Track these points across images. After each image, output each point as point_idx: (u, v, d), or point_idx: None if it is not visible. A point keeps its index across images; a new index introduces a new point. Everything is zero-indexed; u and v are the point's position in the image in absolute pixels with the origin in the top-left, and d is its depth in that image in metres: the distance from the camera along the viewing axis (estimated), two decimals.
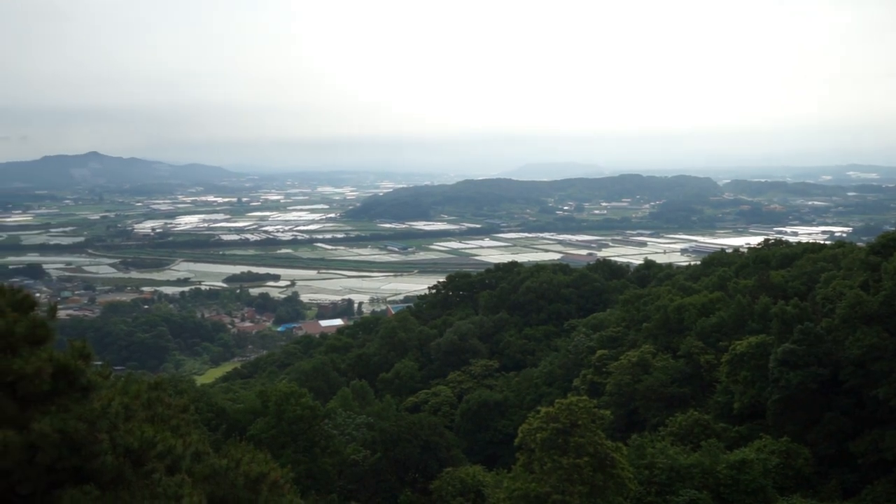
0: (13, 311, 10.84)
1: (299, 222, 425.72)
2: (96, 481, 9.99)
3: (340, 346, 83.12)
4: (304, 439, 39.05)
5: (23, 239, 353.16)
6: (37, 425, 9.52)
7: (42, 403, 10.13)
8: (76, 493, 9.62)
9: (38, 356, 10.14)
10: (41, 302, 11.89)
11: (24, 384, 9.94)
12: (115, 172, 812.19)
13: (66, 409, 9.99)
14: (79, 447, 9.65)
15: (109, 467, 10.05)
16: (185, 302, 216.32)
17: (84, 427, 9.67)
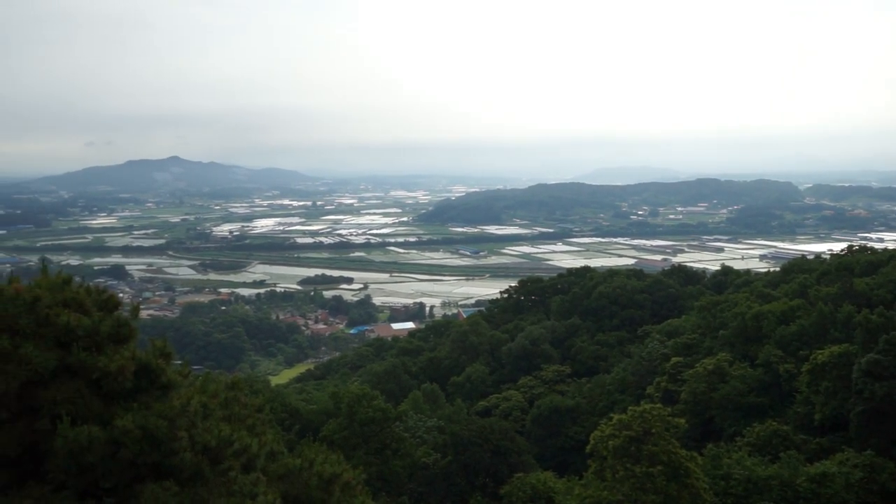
0: (99, 310, 11.22)
1: (372, 226, 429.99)
2: (175, 477, 10.25)
3: (412, 349, 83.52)
4: (375, 441, 39.32)
5: (107, 241, 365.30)
6: (120, 421, 9.83)
7: (125, 400, 10.46)
8: (156, 489, 9.89)
9: (121, 354, 10.47)
10: (124, 302, 12.27)
11: (109, 381, 10.28)
12: (195, 176, 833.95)
13: (148, 406, 10.29)
14: (159, 443, 9.92)
15: (188, 464, 10.30)
16: (261, 303, 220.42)
17: (164, 424, 9.94)
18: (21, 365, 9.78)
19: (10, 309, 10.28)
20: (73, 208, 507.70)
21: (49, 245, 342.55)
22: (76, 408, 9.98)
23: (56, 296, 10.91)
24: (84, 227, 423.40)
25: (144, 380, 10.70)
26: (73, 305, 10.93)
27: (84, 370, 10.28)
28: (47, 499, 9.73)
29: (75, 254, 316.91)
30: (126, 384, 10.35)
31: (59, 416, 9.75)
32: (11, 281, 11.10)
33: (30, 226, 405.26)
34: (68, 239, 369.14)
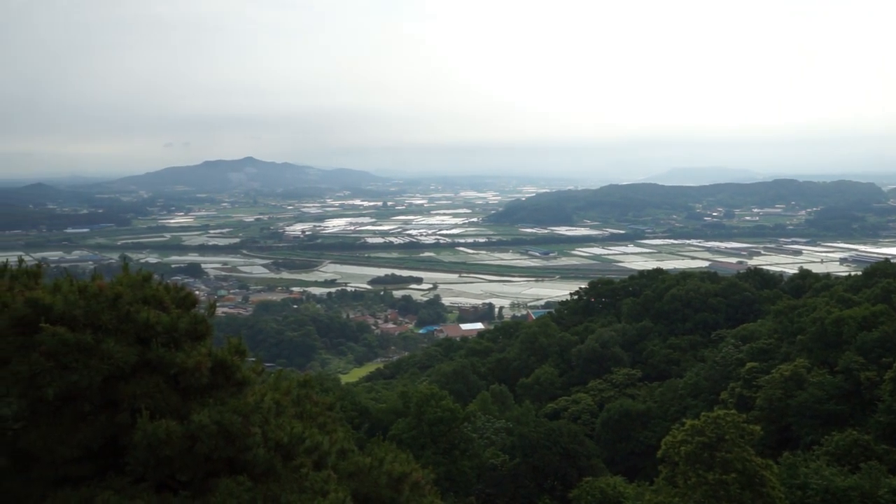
0: (177, 307, 11.50)
1: (442, 226, 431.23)
2: (249, 473, 10.43)
3: (481, 350, 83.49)
4: (443, 441, 39.41)
5: (184, 239, 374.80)
6: (196, 416, 10.04)
7: (201, 396, 10.69)
8: (230, 483, 10.07)
9: (198, 351, 10.70)
10: (200, 299, 12.54)
11: (186, 377, 10.52)
12: (269, 177, 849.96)
13: (223, 402, 10.50)
14: (234, 439, 10.11)
15: (261, 460, 10.48)
16: (332, 302, 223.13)
17: (239, 420, 10.12)
18: (103, 360, 10.08)
19: (93, 305, 10.60)
20: (151, 207, 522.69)
21: (129, 243, 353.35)
22: (155, 402, 10.25)
23: (136, 293, 11.21)
24: (162, 225, 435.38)
25: (220, 376, 10.92)
26: (153, 302, 11.22)
27: (162, 366, 10.54)
28: (127, 490, 9.99)
29: (154, 252, 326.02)
30: (202, 380, 10.57)
31: (138, 410, 10.01)
32: (94, 278, 11.45)
33: (111, 224, 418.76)
34: (147, 237, 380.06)
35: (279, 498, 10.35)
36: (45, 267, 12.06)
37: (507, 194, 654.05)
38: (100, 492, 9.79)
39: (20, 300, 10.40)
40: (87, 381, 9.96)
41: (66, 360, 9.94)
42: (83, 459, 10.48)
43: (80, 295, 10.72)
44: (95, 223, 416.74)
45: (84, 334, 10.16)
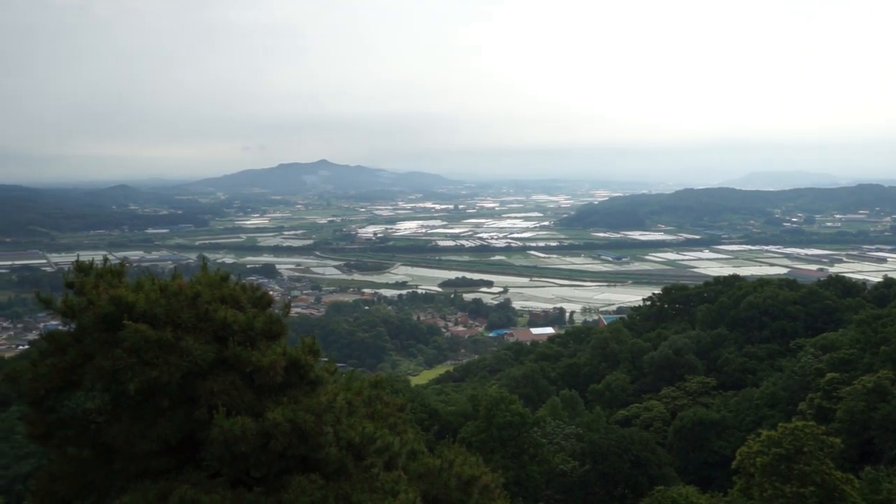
0: (253, 307, 11.75)
1: (513, 230, 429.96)
2: (321, 471, 10.58)
3: (551, 355, 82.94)
4: (513, 445, 39.28)
5: (259, 240, 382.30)
6: (270, 414, 10.23)
7: (275, 394, 10.89)
8: (303, 481, 10.23)
9: (273, 350, 10.91)
10: (275, 300, 12.77)
11: (261, 375, 10.73)
12: (342, 179, 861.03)
13: (296, 400, 10.67)
14: (306, 437, 10.27)
15: (333, 459, 10.61)
16: (403, 304, 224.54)
17: (312, 419, 10.28)
18: (182, 357, 10.36)
19: (173, 304, 10.90)
20: (228, 209, 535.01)
21: (206, 244, 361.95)
22: (231, 399, 10.47)
23: (214, 292, 11.49)
24: (238, 227, 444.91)
25: (294, 375, 11.11)
26: (230, 302, 11.48)
27: (238, 364, 10.77)
28: (203, 485, 10.24)
29: (230, 252, 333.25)
30: (277, 379, 10.77)
31: (215, 406, 10.25)
32: (174, 277, 11.78)
33: (190, 225, 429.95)
34: (224, 238, 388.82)
35: (350, 497, 10.47)
36: (127, 266, 12.45)
37: (580, 198, 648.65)
38: (177, 485, 10.05)
39: (105, 298, 10.76)
40: (166, 377, 10.25)
41: (148, 356, 10.24)
42: (162, 453, 10.78)
43: (161, 293, 11.04)
44: (175, 224, 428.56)
45: (164, 332, 10.45)
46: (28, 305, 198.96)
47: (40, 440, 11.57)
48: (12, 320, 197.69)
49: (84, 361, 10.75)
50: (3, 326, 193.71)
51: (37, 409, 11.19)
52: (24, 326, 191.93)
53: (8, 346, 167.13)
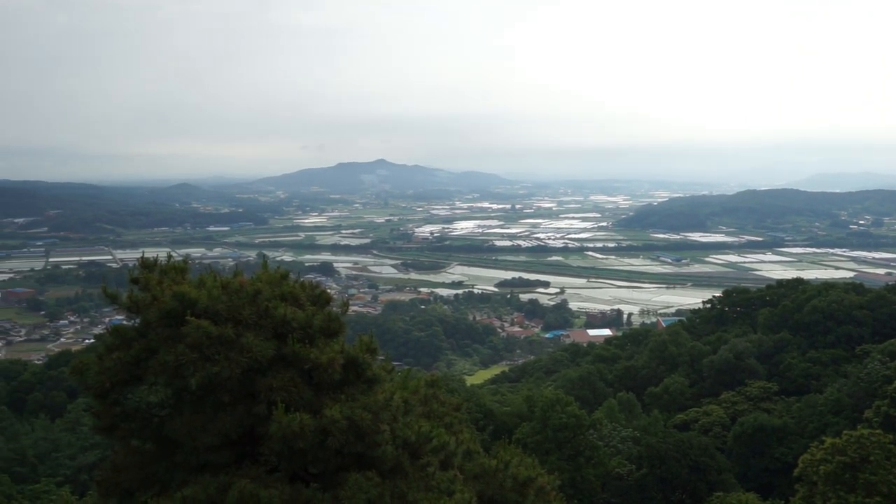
0: (312, 304, 11.86)
1: (570, 230, 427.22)
2: (377, 469, 10.64)
3: (608, 357, 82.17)
4: (568, 447, 39.02)
5: (317, 239, 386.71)
6: (328, 411, 10.32)
7: (333, 391, 10.98)
8: (359, 478, 10.30)
9: (331, 347, 11.00)
10: (333, 298, 12.89)
11: (319, 372, 10.83)
12: (400, 179, 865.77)
13: (354, 398, 10.74)
14: (363, 435, 10.33)
15: (389, 457, 10.66)
16: (459, 304, 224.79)
17: (369, 417, 10.33)
18: (243, 353, 10.50)
19: (234, 300, 11.07)
20: (288, 208, 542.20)
21: (266, 242, 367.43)
22: (289, 396, 10.59)
23: (274, 290, 11.63)
24: (297, 225, 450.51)
25: (352, 373, 11.18)
26: (290, 299, 11.60)
27: (297, 361, 10.88)
28: (262, 479, 10.37)
29: (289, 250, 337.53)
30: (335, 376, 10.85)
31: (274, 402, 10.38)
32: (236, 275, 11.96)
33: (250, 223, 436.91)
34: (283, 236, 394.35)
35: (406, 495, 10.50)
36: (189, 263, 12.68)
37: (639, 199, 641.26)
38: (237, 480, 10.20)
39: (168, 294, 10.98)
40: (227, 372, 10.41)
41: (209, 352, 10.41)
42: (222, 447, 10.96)
43: (223, 290, 11.22)
44: (235, 222, 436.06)
45: (226, 328, 10.62)
46: (94, 300, 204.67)
47: (105, 432, 11.85)
48: (79, 315, 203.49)
49: (148, 356, 10.98)
50: (71, 320, 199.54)
51: (102, 401, 11.47)
52: (91, 321, 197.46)
53: (75, 340, 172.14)
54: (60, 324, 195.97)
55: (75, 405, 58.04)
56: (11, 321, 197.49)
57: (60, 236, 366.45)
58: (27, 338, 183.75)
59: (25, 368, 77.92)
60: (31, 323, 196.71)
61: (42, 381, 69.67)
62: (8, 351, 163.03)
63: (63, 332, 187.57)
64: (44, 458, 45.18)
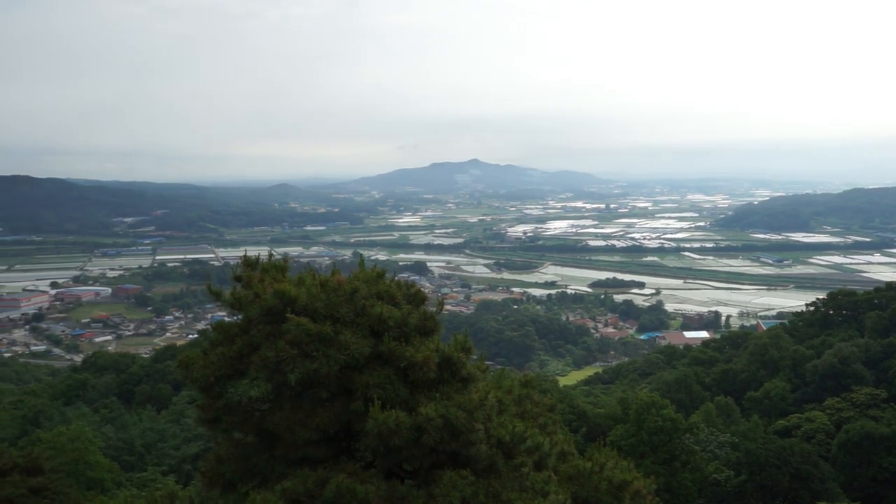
0: (407, 303, 12.00)
1: (666, 230, 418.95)
2: (471, 467, 10.69)
3: (705, 360, 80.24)
4: (663, 451, 38.32)
5: (411, 238, 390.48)
6: (423, 409, 10.42)
7: (428, 390, 11.08)
8: (454, 476, 10.37)
9: (426, 346, 11.10)
10: (428, 297, 13.01)
11: (414, 371, 10.95)
12: (493, 178, 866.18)
13: (449, 397, 10.81)
14: (458, 434, 10.39)
15: (483, 456, 10.70)
16: (551, 304, 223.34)
17: (464, 415, 10.38)
18: (340, 350, 10.72)
19: (332, 298, 11.30)
20: (382, 207, 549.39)
21: (361, 241, 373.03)
22: (385, 393, 10.74)
23: (371, 288, 11.83)
24: (391, 224, 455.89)
25: (446, 371, 11.26)
26: (386, 298, 11.78)
27: (393, 359, 11.03)
28: (358, 475, 10.56)
29: (383, 250, 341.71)
30: (430, 374, 10.95)
31: (370, 399, 10.54)
32: (333, 273, 12.21)
33: (345, 223, 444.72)
34: (377, 236, 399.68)
35: (500, 495, 10.52)
36: (289, 261, 13.02)
37: (738, 198, 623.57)
38: (334, 474, 10.41)
39: (270, 292, 11.29)
40: (325, 369, 10.63)
41: (308, 348, 10.67)
42: (320, 442, 11.21)
43: (321, 288, 11.47)
44: (331, 221, 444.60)
45: (324, 325, 10.85)
46: (197, 297, 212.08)
47: (209, 424, 12.27)
48: (184, 310, 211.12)
49: (250, 351, 11.32)
50: (176, 316, 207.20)
51: (207, 395, 11.88)
52: (194, 316, 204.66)
53: (180, 335, 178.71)
54: (166, 319, 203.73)
55: (179, 398, 60.18)
56: (121, 316, 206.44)
57: (166, 235, 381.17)
58: (135, 332, 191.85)
59: (134, 361, 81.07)
60: (139, 318, 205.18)
61: (149, 373, 72.43)
62: (118, 344, 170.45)
63: (168, 327, 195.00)
64: (150, 447, 46.94)
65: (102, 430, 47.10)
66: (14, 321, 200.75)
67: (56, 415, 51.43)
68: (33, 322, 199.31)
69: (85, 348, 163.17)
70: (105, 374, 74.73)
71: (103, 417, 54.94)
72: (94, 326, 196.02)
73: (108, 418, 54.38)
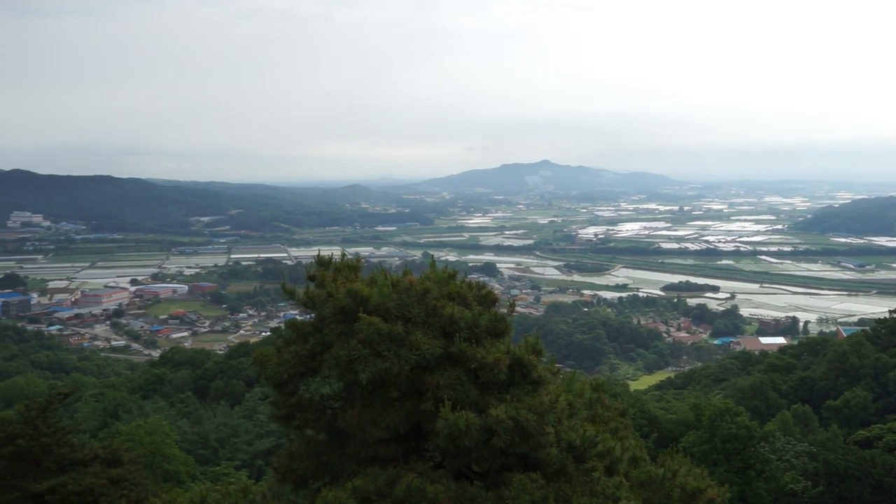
0: (478, 304, 11.99)
1: (742, 233, 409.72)
2: (541, 471, 10.62)
3: (782, 366, 78.15)
4: (737, 459, 37.53)
5: (481, 239, 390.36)
6: (493, 411, 10.39)
7: (498, 391, 11.05)
8: (523, 479, 10.32)
9: (497, 348, 11.07)
10: (499, 298, 12.98)
11: (485, 372, 10.93)
12: (563, 180, 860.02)
13: (519, 399, 10.76)
14: (528, 436, 10.33)
15: (554, 459, 10.62)
16: (622, 307, 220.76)
17: (534, 418, 10.32)
18: (412, 350, 10.77)
19: (404, 299, 11.37)
20: (452, 208, 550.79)
21: (431, 241, 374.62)
22: (455, 394, 10.74)
23: (442, 289, 11.85)
24: (461, 225, 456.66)
25: (517, 373, 11.22)
26: (457, 299, 11.78)
27: (464, 360, 11.03)
28: (428, 475, 10.59)
29: (453, 250, 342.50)
30: (500, 376, 10.92)
31: (441, 399, 10.56)
32: (405, 273, 12.28)
33: (415, 223, 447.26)
34: (447, 236, 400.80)
35: (570, 499, 10.42)
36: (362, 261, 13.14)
37: (818, 200, 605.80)
38: (404, 474, 10.47)
39: (342, 291, 11.42)
40: (396, 368, 10.70)
41: (380, 348, 10.75)
42: (390, 441, 11.28)
43: (393, 289, 11.55)
44: (402, 222, 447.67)
45: (395, 325, 10.93)
46: (270, 295, 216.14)
47: (282, 421, 12.48)
48: (257, 308, 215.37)
49: (322, 350, 11.46)
50: (249, 314, 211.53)
51: (280, 391, 12.08)
52: (267, 314, 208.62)
53: (253, 332, 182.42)
54: (240, 316, 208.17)
55: (252, 394, 61.37)
56: (197, 313, 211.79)
57: (241, 234, 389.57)
58: (210, 329, 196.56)
59: (209, 358, 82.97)
60: (214, 315, 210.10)
61: (223, 369, 74.04)
62: (194, 341, 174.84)
63: (242, 325, 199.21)
64: (224, 442, 47.93)
65: (178, 424, 48.32)
66: (96, 317, 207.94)
67: (134, 408, 52.96)
68: (114, 318, 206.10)
69: (162, 344, 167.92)
70: (181, 369, 76.66)
71: (179, 412, 56.40)
72: (171, 323, 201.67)
73: (183, 412, 55.79)
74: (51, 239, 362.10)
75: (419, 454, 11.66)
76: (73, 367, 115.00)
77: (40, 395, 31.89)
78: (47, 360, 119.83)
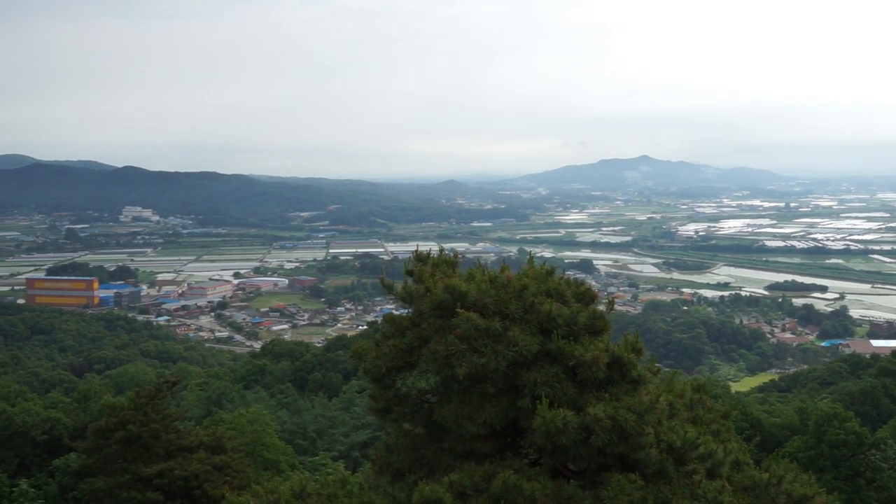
0: (576, 301, 11.88)
1: (853, 231, 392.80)
2: (640, 472, 10.43)
3: (895, 371, 74.75)
4: (846, 467, 36.02)
5: (577, 236, 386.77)
6: (591, 409, 10.26)
7: (596, 390, 10.92)
8: (622, 479, 10.16)
9: (595, 345, 10.94)
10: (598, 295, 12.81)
11: (583, 370, 10.81)
12: (663, 175, 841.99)
13: (618, 398, 10.60)
14: (627, 436, 10.17)
15: (653, 460, 10.41)
16: (724, 306, 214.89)
17: (633, 418, 10.15)
18: (509, 346, 10.74)
19: (501, 295, 11.35)
20: (548, 204, 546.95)
21: (526, 238, 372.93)
22: (553, 391, 10.66)
23: (540, 285, 11.78)
24: (557, 222, 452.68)
25: (616, 372, 11.06)
26: (555, 295, 11.69)
27: (561, 357, 10.93)
28: (524, 472, 10.55)
29: (549, 247, 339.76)
30: (599, 374, 10.78)
31: (538, 397, 10.49)
32: (502, 269, 12.26)
33: (511, 219, 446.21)
34: (543, 233, 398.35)
35: (670, 501, 10.21)
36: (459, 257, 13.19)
37: None
38: (501, 470, 10.45)
39: (440, 286, 11.48)
40: (493, 364, 10.69)
41: (477, 343, 10.76)
42: (486, 437, 11.30)
43: (491, 284, 11.55)
44: (497, 218, 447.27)
45: (493, 321, 10.91)
46: (367, 290, 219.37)
47: (380, 414, 12.65)
48: (354, 302, 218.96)
49: (420, 344, 11.56)
50: (347, 308, 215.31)
51: (378, 385, 12.25)
52: (364, 308, 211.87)
53: (350, 326, 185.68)
54: (337, 310, 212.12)
55: (349, 386, 62.34)
56: (297, 306, 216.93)
57: (339, 229, 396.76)
58: (309, 322, 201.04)
59: (308, 350, 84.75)
60: (313, 308, 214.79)
61: (321, 362, 75.50)
62: (293, 333, 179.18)
63: (340, 318, 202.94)
64: (321, 433, 48.81)
65: (278, 414, 49.47)
66: (201, 308, 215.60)
67: (237, 397, 54.51)
68: (218, 310, 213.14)
69: (263, 336, 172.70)
70: (281, 360, 78.60)
71: (279, 402, 57.78)
72: (272, 315, 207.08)
73: (283, 403, 57.12)
74: (159, 233, 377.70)
75: (515, 451, 11.63)
76: (180, 357, 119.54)
77: (149, 383, 33.14)
78: (155, 349, 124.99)
